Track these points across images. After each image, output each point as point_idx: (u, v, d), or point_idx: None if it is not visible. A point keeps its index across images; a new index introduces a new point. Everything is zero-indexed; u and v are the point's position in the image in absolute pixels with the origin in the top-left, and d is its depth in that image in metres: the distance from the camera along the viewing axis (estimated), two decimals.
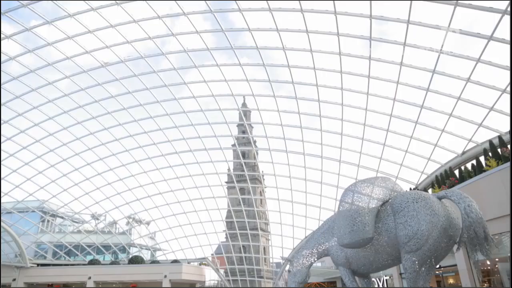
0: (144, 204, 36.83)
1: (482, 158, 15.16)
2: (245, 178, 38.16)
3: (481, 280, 13.64)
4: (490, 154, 14.35)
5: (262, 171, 40.89)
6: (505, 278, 13.26)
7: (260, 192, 46.01)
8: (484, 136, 18.20)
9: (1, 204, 33.47)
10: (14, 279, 33.60)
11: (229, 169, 40.03)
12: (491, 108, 17.22)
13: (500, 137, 14.95)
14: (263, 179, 43.41)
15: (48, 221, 40.23)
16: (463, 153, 19.64)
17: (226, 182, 40.40)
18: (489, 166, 13.42)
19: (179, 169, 33.75)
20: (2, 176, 30.39)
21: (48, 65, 23.74)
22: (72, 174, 33.07)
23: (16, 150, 29.70)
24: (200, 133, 30.53)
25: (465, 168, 16.57)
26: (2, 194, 31.78)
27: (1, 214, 33.86)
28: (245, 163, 37.46)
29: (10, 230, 32.17)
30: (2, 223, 31.56)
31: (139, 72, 25.24)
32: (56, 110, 27.67)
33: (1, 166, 29.42)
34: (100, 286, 35.24)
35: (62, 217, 41.20)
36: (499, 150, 14.07)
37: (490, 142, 15.32)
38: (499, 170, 12.29)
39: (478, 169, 14.57)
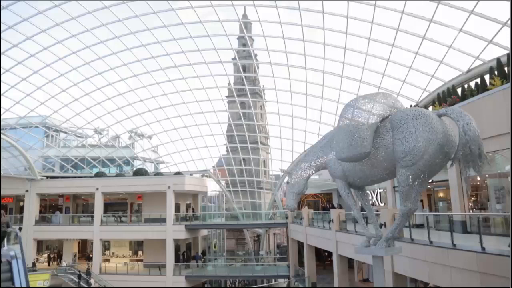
0: (145, 118, 37.21)
1: (487, 77, 14.63)
2: (245, 92, 37.94)
3: (469, 194, 14.29)
4: (496, 72, 13.79)
5: (263, 85, 40.53)
6: (492, 193, 13.92)
7: (261, 106, 46.06)
8: (493, 54, 17.49)
9: (5, 120, 33.78)
10: (27, 190, 35.32)
11: (229, 83, 39.59)
12: (505, 24, 16.35)
13: (509, 55, 14.29)
14: (264, 94, 43.20)
15: (52, 136, 40.96)
16: (468, 71, 19.13)
17: (226, 96, 40.27)
18: (493, 85, 13.07)
19: (179, 83, 33.41)
20: (1, 92, 30.19)
21: None
22: (71, 90, 32.83)
23: (11, 65, 29.08)
24: (199, 46, 29.57)
25: (469, 86, 16.19)
26: (3, 110, 31.92)
27: (6, 130, 34.37)
28: (245, 77, 36.91)
29: (16, 144, 32.91)
30: (7, 138, 32.13)
31: None
32: (48, 22, 26.51)
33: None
34: (108, 196, 37.11)
35: (65, 132, 41.86)
36: (506, 68, 13.59)
37: (498, 60, 14.63)
38: (502, 89, 12.09)
39: (482, 88, 14.16)
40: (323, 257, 30.92)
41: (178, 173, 38.42)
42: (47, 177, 37.30)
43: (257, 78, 41.69)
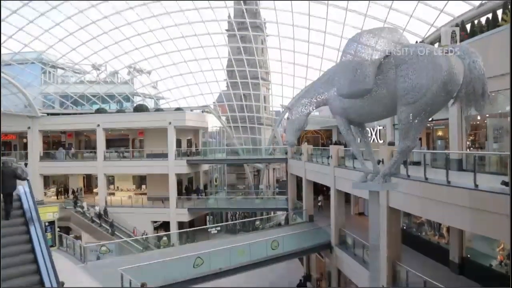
0: (143, 53, 36.33)
1: (500, 12, 13.70)
2: (246, 25, 36.65)
3: (468, 133, 14.33)
4: (510, 7, 13.01)
5: (264, 19, 39.03)
6: (490, 132, 13.96)
7: (262, 40, 44.68)
8: None
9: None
10: (29, 127, 35.46)
11: (229, 16, 38.03)
12: None
13: None
14: (265, 27, 41.71)
15: (49, 72, 40.22)
16: (480, 5, 18.14)
17: (226, 30, 38.95)
18: (505, 21, 12.46)
19: (177, 16, 32.20)
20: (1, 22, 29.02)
21: None
22: (65, 23, 31.68)
23: None
24: None
25: (479, 22, 15.43)
26: None
27: (2, 67, 33.62)
28: (246, 9, 35.39)
29: (13, 81, 32.38)
30: (4, 75, 31.53)
31: None
32: None
33: None
34: (109, 132, 37.34)
35: (63, 68, 41.05)
36: None
37: None
38: None
39: (492, 24, 13.42)
40: (321, 192, 31.88)
41: (178, 109, 38.34)
42: (48, 114, 37.24)
43: (258, 11, 39.98)
